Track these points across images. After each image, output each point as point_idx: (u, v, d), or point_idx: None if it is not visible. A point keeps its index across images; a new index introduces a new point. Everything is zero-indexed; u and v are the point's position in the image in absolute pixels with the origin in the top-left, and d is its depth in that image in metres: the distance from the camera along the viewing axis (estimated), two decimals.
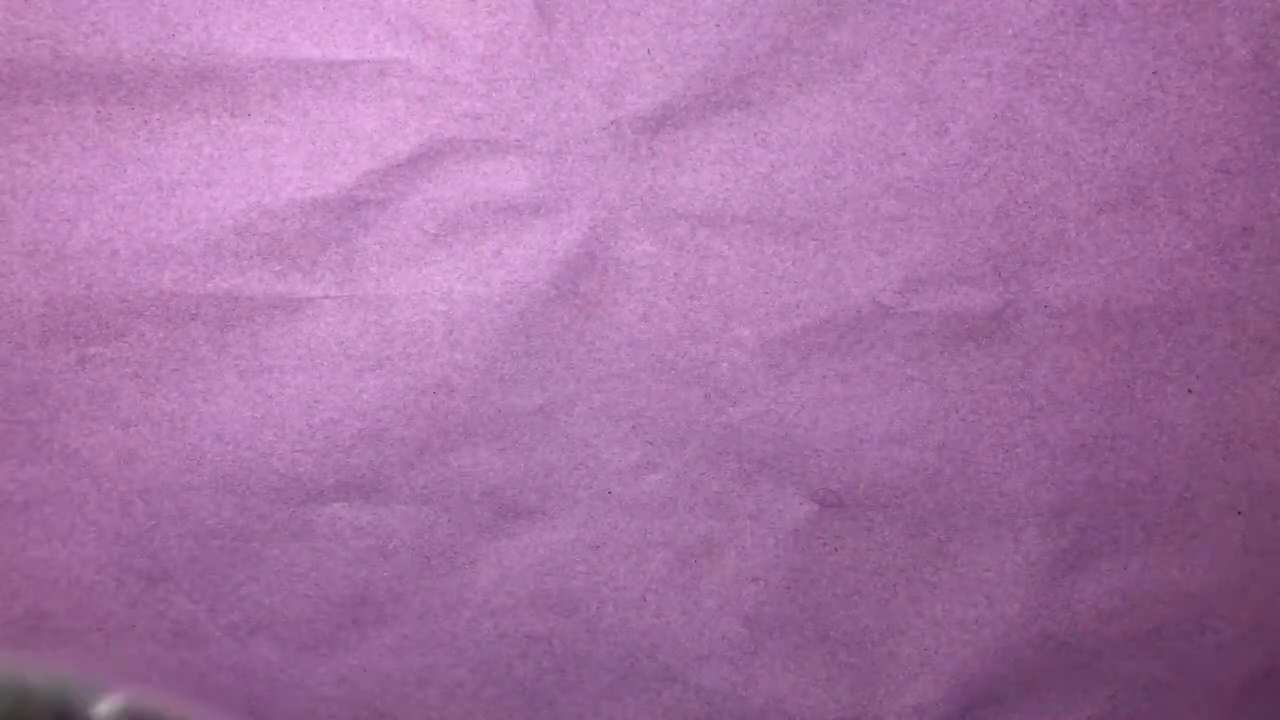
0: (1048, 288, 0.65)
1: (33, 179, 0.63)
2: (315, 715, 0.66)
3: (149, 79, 0.62)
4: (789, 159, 0.64)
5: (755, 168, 0.65)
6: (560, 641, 0.67)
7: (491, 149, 0.63)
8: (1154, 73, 0.65)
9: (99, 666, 0.66)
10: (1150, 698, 0.68)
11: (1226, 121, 0.65)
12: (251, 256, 0.63)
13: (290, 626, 0.66)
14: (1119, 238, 0.65)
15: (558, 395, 0.65)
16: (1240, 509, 0.67)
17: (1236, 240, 0.66)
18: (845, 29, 0.64)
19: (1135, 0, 0.64)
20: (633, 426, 0.66)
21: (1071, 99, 0.65)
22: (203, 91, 0.62)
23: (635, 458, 0.66)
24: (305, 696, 0.66)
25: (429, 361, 0.64)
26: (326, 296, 0.64)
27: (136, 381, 0.64)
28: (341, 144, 0.63)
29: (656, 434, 0.66)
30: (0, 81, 0.62)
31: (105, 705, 0.51)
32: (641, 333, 0.65)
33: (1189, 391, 0.66)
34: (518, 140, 0.63)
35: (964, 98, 0.64)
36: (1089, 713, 0.68)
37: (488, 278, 0.64)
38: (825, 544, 0.67)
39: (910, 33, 0.64)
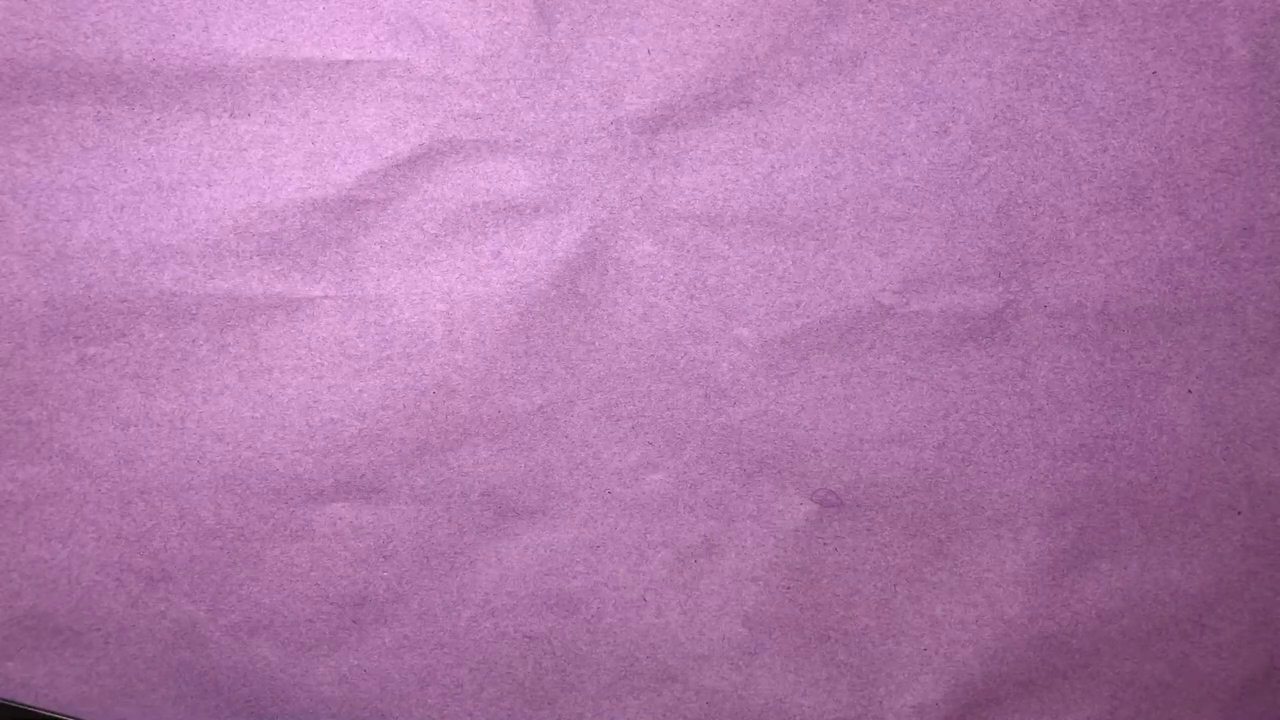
0: (1048, 288, 0.65)
1: (33, 179, 0.63)
2: (315, 715, 0.66)
3: (149, 79, 0.62)
4: (789, 159, 0.64)
5: (755, 168, 0.65)
6: (560, 641, 0.67)
7: (491, 149, 0.63)
8: (1154, 73, 0.65)
9: (99, 666, 0.66)
10: (1150, 698, 0.68)
11: (1226, 121, 0.65)
12: (251, 256, 0.63)
13: (290, 626, 0.66)
14: (1119, 238, 0.65)
15: (558, 395, 0.65)
16: (1240, 509, 0.67)
17: (1236, 240, 0.66)
18: (845, 29, 0.64)
19: (1135, 0, 0.64)
20: (633, 426, 0.66)
21: (1071, 99, 0.65)
22: (203, 91, 0.62)
23: (635, 458, 0.66)
24: (305, 696, 0.66)
25: (429, 361, 0.64)
26: (326, 296, 0.64)
27: (136, 381, 0.64)
28: (341, 144, 0.63)
29: (656, 434, 0.66)
30: (0, 81, 0.62)
31: None
32: (641, 333, 0.65)
33: (1189, 391, 0.66)
34: (518, 140, 0.63)
35: (964, 98, 0.64)
36: (1089, 713, 0.68)
37: (488, 278, 0.64)
38: (825, 544, 0.67)
39: (910, 33, 0.64)
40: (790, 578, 0.67)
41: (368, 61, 0.63)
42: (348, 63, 0.63)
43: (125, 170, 0.63)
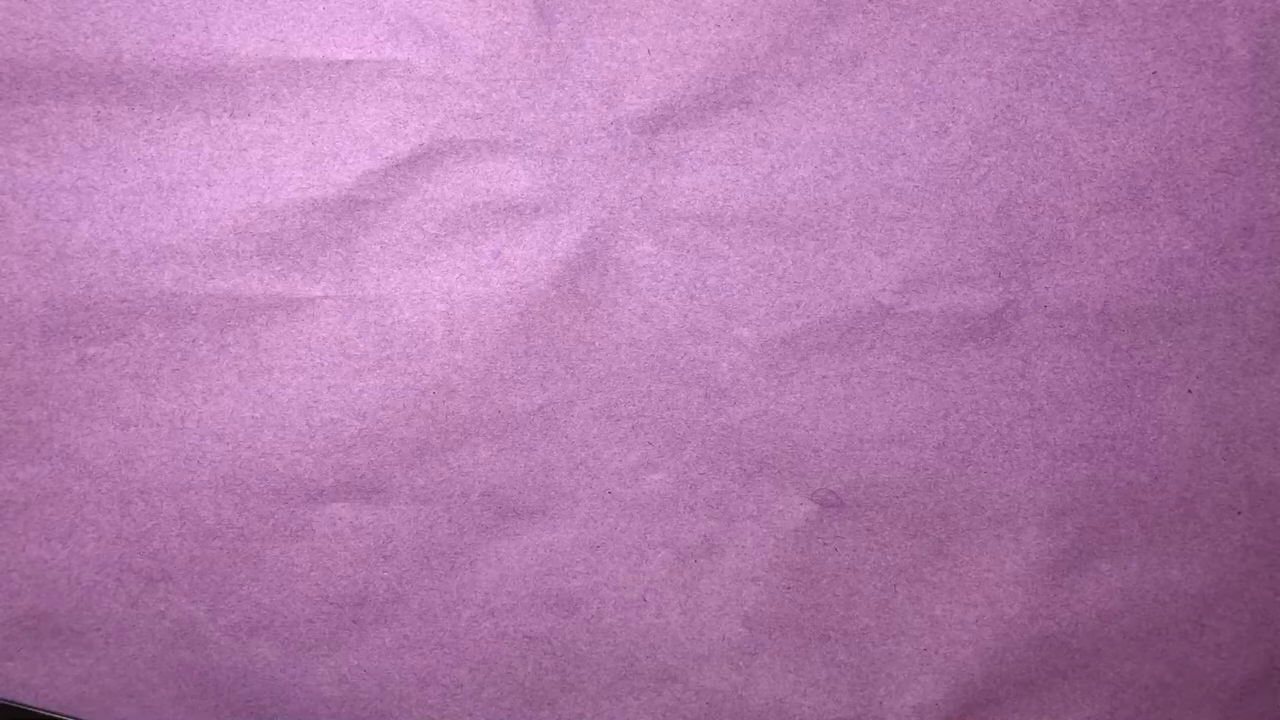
0: (1048, 288, 0.65)
1: (33, 179, 0.63)
2: (315, 715, 0.66)
3: (149, 79, 0.62)
4: (789, 159, 0.64)
5: (755, 168, 0.65)
6: (560, 641, 0.67)
7: (491, 149, 0.64)
8: (1154, 73, 0.65)
9: (99, 666, 0.66)
10: (1150, 698, 0.68)
11: (1226, 121, 0.65)
12: (251, 256, 0.63)
13: (290, 626, 0.66)
14: (1119, 238, 0.65)
15: (558, 395, 0.65)
16: (1240, 509, 0.67)
17: (1236, 240, 0.66)
18: (845, 29, 0.64)
19: (1135, 0, 0.64)
20: (633, 426, 0.66)
21: (1071, 99, 0.65)
22: (203, 91, 0.62)
23: (635, 458, 0.66)
24: (305, 696, 0.66)
25: (429, 361, 0.64)
26: (326, 296, 0.64)
27: (136, 381, 0.64)
28: (341, 144, 0.63)
29: (656, 434, 0.66)
30: (0, 81, 0.62)
31: None
32: (641, 333, 0.65)
33: (1189, 391, 0.66)
34: (518, 140, 0.63)
35: (964, 98, 0.64)
36: (1089, 713, 0.68)
37: (488, 278, 0.64)
38: (825, 544, 0.67)
39: (910, 33, 0.64)
40: (790, 578, 0.67)
41: (368, 61, 0.63)
42: (348, 63, 0.63)
43: (125, 170, 0.63)
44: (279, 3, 0.62)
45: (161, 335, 0.64)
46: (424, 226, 0.64)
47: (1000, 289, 0.65)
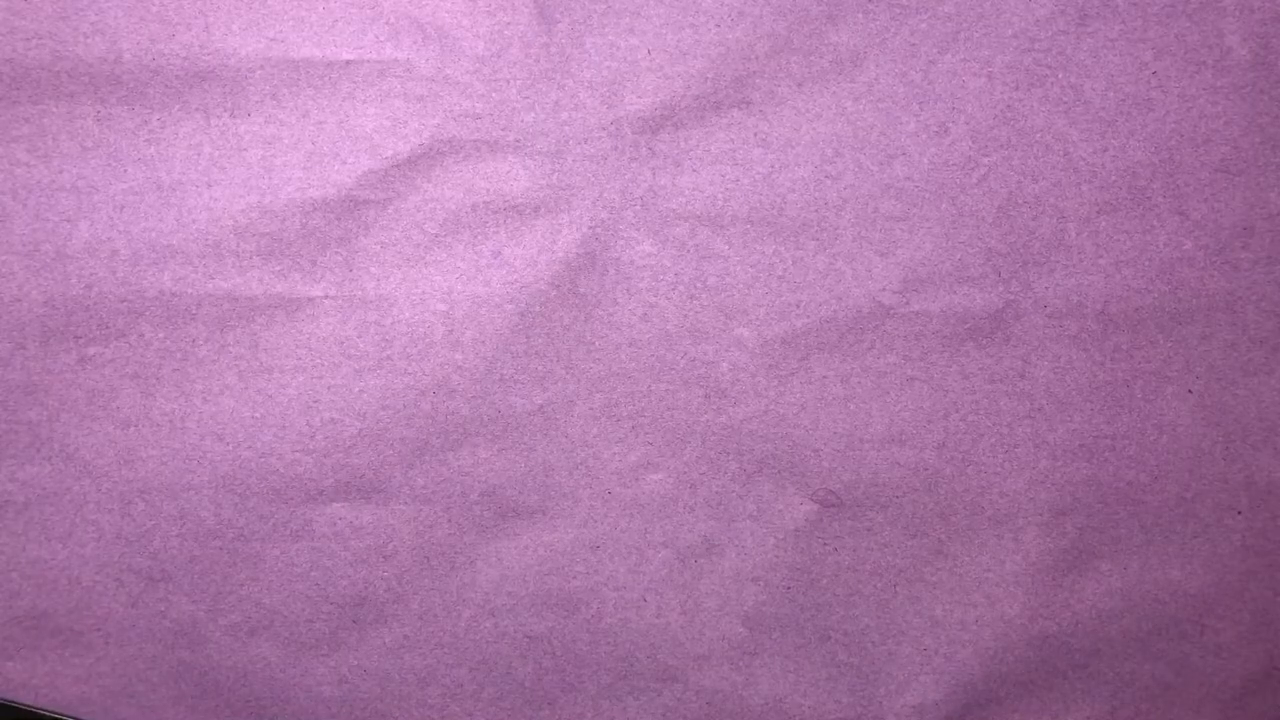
0: (1048, 288, 0.65)
1: (33, 179, 0.63)
2: (315, 715, 0.66)
3: (149, 79, 0.62)
4: (789, 159, 0.64)
5: (755, 168, 0.65)
6: (560, 641, 0.67)
7: (491, 149, 0.64)
8: (1154, 73, 0.65)
9: (99, 666, 0.66)
10: (1150, 698, 0.68)
11: (1226, 121, 0.65)
12: (251, 256, 0.63)
13: (290, 626, 0.66)
14: (1119, 238, 0.65)
15: (558, 395, 0.65)
16: (1240, 509, 0.67)
17: (1236, 240, 0.66)
18: (845, 29, 0.64)
19: (1135, 0, 0.64)
20: (633, 426, 0.66)
21: (1071, 99, 0.65)
22: (203, 91, 0.62)
23: (635, 458, 0.66)
24: (305, 696, 0.66)
25: (429, 361, 0.64)
26: (326, 296, 0.64)
27: (136, 381, 0.64)
28: (341, 144, 0.63)
29: (656, 434, 0.66)
30: (0, 81, 0.62)
31: None
32: (641, 333, 0.65)
33: (1189, 391, 0.66)
34: (518, 140, 0.63)
35: (964, 98, 0.64)
36: (1089, 713, 0.68)
37: (488, 278, 0.64)
38: (825, 544, 0.67)
39: (910, 33, 0.64)
40: (790, 578, 0.67)
41: (368, 61, 0.63)
42: (348, 63, 0.63)
43: (125, 170, 0.63)
44: (279, 3, 0.63)
45: (161, 335, 0.64)
46: (424, 226, 0.64)
47: (1000, 289, 0.65)
